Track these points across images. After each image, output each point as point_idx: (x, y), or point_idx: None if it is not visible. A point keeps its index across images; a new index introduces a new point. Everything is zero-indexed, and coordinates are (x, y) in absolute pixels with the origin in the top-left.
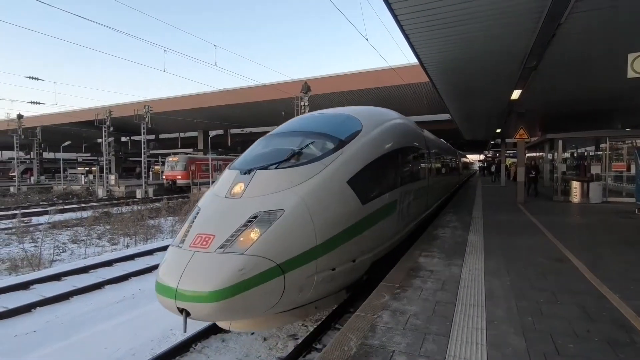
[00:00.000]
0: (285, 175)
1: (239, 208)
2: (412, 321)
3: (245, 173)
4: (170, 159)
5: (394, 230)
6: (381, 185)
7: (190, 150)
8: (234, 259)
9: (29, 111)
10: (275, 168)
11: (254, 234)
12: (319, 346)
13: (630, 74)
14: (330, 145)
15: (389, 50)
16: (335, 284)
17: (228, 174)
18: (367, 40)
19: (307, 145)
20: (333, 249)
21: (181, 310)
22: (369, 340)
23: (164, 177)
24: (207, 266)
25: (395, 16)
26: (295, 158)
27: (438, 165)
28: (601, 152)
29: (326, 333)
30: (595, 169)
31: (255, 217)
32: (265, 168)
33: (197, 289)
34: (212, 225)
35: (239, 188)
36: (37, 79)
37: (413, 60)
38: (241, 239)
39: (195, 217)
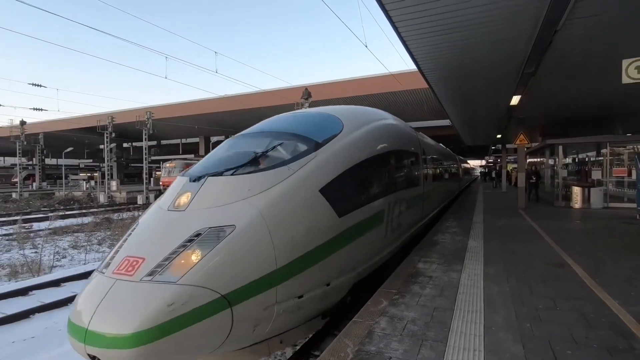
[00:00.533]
0: (241, 183)
1: (180, 223)
2: (409, 327)
3: (194, 180)
4: (167, 165)
5: (381, 245)
6: (364, 194)
7: (192, 156)
8: (162, 291)
9: (32, 117)
10: (232, 174)
11: (194, 256)
12: (317, 352)
13: (625, 79)
14: (302, 148)
15: (388, 56)
16: (303, 313)
17: (177, 182)
18: (366, 46)
19: (274, 148)
20: (299, 272)
21: (93, 358)
22: (365, 347)
23: (160, 182)
24: (128, 300)
25: (392, 23)
26: (256, 163)
27: (435, 170)
28: (602, 158)
29: (324, 339)
30: (596, 175)
31: (199, 235)
32: (220, 174)
33: (111, 330)
34: (144, 245)
35: (185, 198)
36: (40, 85)
37: (412, 66)
38: (177, 263)
39: (130, 234)
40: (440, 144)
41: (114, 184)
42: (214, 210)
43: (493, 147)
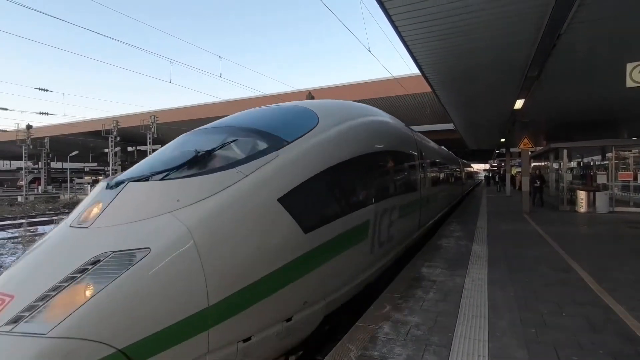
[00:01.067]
0: (170, 191)
1: (78, 245)
2: (413, 332)
3: (112, 187)
4: None
5: (365, 263)
6: (342, 203)
7: None
8: (23, 347)
9: (38, 122)
10: (162, 179)
11: (86, 292)
12: (319, 357)
13: (629, 83)
14: (260, 146)
15: (391, 60)
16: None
17: (95, 188)
18: (369, 51)
19: (224, 146)
20: (245, 308)
21: None
22: (368, 351)
23: None
24: None
25: (395, 27)
26: (196, 165)
27: (435, 174)
28: (607, 162)
29: (327, 344)
30: (601, 179)
31: (97, 262)
32: (146, 179)
33: None
34: (20, 276)
35: (95, 210)
36: (47, 90)
37: (415, 70)
38: (56, 303)
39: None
40: (442, 147)
41: None
42: (126, 227)
43: (497, 151)
